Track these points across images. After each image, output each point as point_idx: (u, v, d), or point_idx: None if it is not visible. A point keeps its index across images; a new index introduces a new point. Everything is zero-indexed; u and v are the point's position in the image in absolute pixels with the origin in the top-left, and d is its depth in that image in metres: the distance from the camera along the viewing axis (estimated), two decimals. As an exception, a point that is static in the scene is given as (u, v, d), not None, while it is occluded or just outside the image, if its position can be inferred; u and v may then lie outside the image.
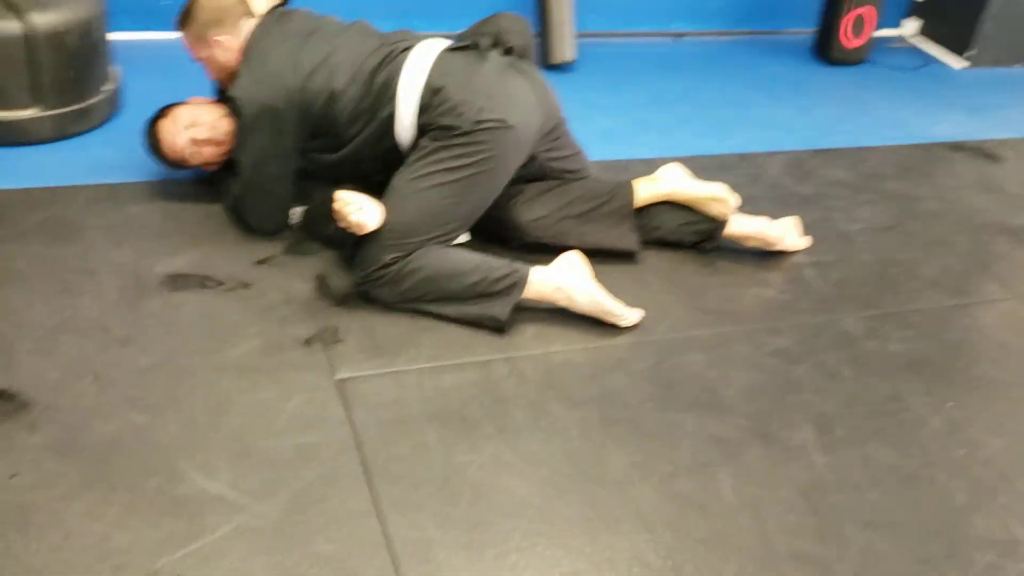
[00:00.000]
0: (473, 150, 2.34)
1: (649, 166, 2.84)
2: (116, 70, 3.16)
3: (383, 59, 2.45)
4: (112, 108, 3.11)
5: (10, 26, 2.72)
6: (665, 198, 2.68)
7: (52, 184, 2.73)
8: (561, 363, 2.28)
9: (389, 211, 2.32)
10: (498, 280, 2.34)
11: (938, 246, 2.97)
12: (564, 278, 2.40)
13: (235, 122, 2.48)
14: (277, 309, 2.35)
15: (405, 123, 2.42)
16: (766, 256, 2.78)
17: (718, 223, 2.70)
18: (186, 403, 2.03)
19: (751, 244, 2.77)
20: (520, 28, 2.58)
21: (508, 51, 2.53)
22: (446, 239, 2.39)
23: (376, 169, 2.51)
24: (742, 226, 2.74)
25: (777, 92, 4.04)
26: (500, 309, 2.34)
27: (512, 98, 2.41)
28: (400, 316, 2.36)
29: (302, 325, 2.31)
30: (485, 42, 2.50)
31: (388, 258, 2.31)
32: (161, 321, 2.26)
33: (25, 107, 2.85)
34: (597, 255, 2.54)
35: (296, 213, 2.60)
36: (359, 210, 2.27)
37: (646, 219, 2.69)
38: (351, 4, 2.91)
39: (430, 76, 2.40)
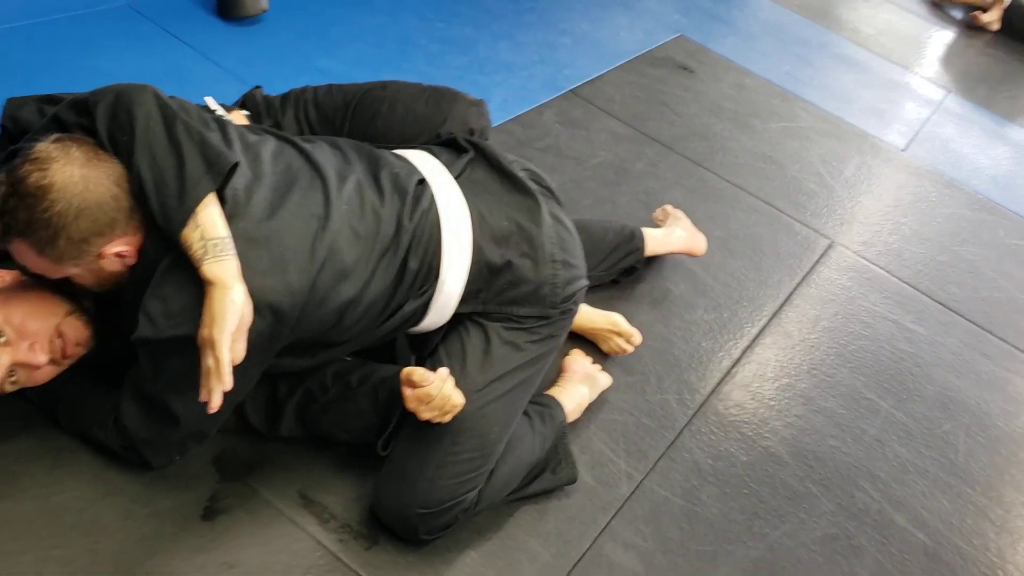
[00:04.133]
0: (561, 326, 1.77)
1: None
2: None
3: (413, 228, 1.61)
4: None
5: None
6: None
7: None
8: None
9: (459, 433, 1.64)
10: (554, 446, 1.90)
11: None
12: (589, 394, 2.08)
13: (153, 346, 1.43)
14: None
15: (442, 314, 1.69)
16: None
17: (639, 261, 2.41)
18: None
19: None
20: (480, 109, 1.95)
21: (470, 132, 1.90)
22: None
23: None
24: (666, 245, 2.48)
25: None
26: (569, 472, 1.90)
27: (578, 246, 1.84)
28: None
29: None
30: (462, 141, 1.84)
31: (468, 500, 1.67)
32: None
33: None
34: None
35: None
36: (453, 390, 1.59)
37: None
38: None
39: (479, 245, 1.67)
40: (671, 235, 2.48)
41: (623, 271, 2.39)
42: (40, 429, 1.66)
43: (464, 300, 1.68)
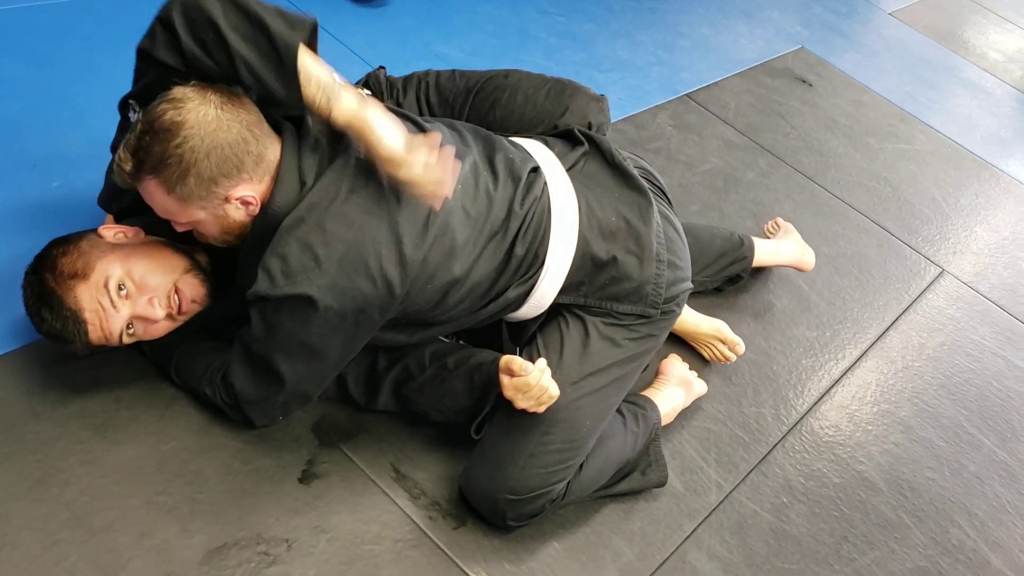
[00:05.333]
0: (662, 326, 1.76)
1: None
2: None
3: (523, 214, 1.62)
4: None
5: None
6: None
7: None
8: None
9: (552, 424, 1.65)
10: (646, 447, 1.89)
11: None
12: (684, 399, 2.06)
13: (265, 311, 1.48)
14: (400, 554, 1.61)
15: (541, 303, 1.70)
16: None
17: (745, 268, 2.37)
18: None
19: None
20: (601, 105, 1.91)
21: (588, 126, 1.88)
22: None
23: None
24: (774, 257, 2.45)
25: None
26: (658, 475, 1.88)
27: (685, 248, 1.83)
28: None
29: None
30: (579, 136, 1.83)
31: (557, 491, 1.67)
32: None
33: None
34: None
35: None
36: (550, 382, 1.59)
37: None
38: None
39: (585, 237, 1.67)
40: (780, 247, 2.44)
41: (728, 279, 2.37)
42: (152, 381, 1.73)
43: (565, 291, 1.68)
